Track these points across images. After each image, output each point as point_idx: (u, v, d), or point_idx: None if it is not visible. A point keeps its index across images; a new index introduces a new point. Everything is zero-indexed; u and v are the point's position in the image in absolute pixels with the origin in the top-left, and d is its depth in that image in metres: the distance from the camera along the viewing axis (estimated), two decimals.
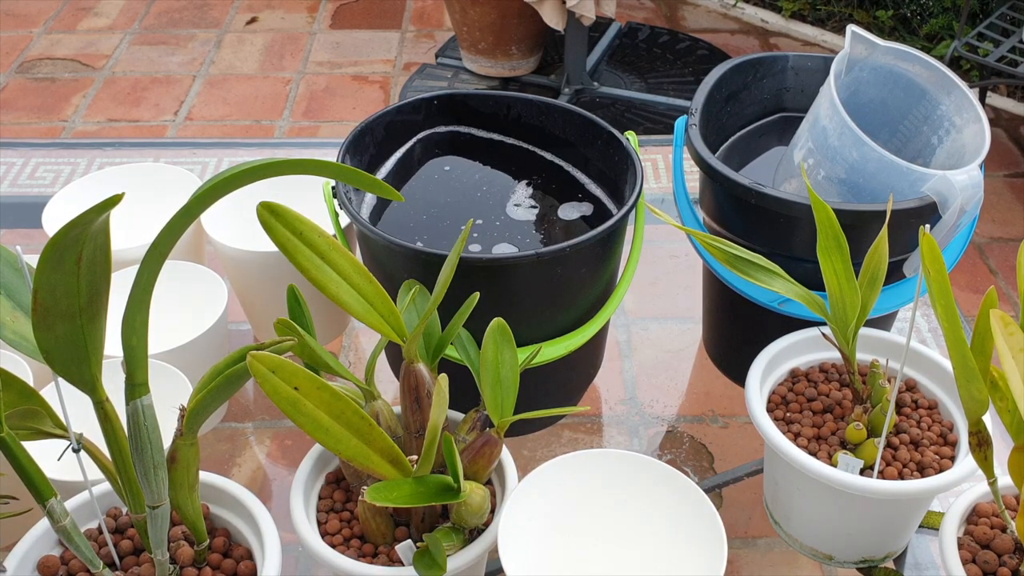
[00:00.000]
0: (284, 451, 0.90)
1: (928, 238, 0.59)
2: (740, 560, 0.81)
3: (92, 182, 1.03)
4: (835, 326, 0.73)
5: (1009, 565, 0.67)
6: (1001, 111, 2.76)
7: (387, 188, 0.56)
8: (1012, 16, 2.54)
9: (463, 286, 0.70)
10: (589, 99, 2.74)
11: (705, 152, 0.83)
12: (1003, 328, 0.57)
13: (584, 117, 0.92)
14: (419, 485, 0.61)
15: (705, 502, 0.66)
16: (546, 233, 0.86)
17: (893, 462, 0.74)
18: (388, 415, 0.70)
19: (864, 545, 0.76)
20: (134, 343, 0.54)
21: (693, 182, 0.92)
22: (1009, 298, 2.12)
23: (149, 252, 0.51)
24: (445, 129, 0.96)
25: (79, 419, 0.60)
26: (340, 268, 0.63)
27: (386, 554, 0.67)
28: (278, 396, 0.55)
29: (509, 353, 0.69)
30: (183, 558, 0.65)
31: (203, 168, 1.24)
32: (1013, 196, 2.45)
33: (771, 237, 0.82)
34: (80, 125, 2.66)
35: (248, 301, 0.99)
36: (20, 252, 0.55)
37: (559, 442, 0.91)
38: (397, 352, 0.75)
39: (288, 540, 0.69)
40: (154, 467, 0.57)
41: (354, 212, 0.78)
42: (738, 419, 0.94)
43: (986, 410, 0.63)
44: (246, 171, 0.49)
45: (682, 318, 1.05)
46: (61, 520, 0.58)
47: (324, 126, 2.69)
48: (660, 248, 1.13)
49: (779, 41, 3.12)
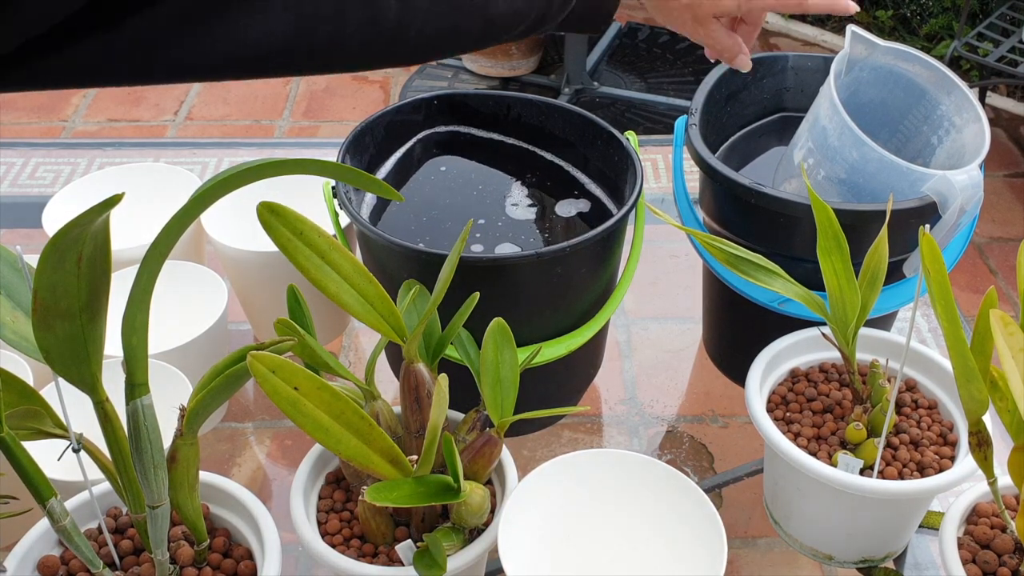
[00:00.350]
0: (284, 451, 0.90)
1: (928, 238, 0.59)
2: (740, 560, 0.81)
3: (92, 182, 1.03)
4: (835, 326, 0.73)
5: (1009, 565, 0.67)
6: (1001, 111, 2.76)
7: (387, 188, 0.56)
8: (1012, 16, 2.54)
9: (463, 286, 0.70)
10: (589, 99, 2.74)
11: (705, 152, 0.83)
12: (1003, 328, 0.57)
13: (584, 117, 0.92)
14: (419, 485, 0.61)
15: (705, 502, 0.66)
16: (548, 232, 0.86)
17: (893, 462, 0.74)
18: (388, 415, 0.70)
19: (864, 545, 0.76)
20: (134, 343, 0.54)
21: (693, 182, 0.92)
22: (1009, 298, 2.12)
23: (149, 252, 0.51)
24: (445, 129, 0.96)
25: (79, 419, 0.60)
26: (340, 268, 0.63)
27: (386, 554, 0.67)
28: (278, 396, 0.55)
29: (509, 353, 0.69)
30: (183, 558, 0.65)
31: (203, 168, 1.24)
32: (1013, 196, 2.45)
33: (771, 237, 0.82)
34: (80, 125, 2.66)
35: (248, 301, 0.99)
36: (20, 252, 0.55)
37: (559, 442, 0.91)
38: (397, 352, 0.75)
39: (288, 540, 0.69)
40: (154, 467, 0.57)
41: (354, 212, 0.78)
42: (738, 419, 0.94)
43: (986, 410, 0.63)
44: (246, 171, 0.49)
45: (682, 318, 1.05)
46: (61, 520, 0.58)
47: (324, 126, 2.69)
48: (660, 248, 1.13)
49: (779, 41, 3.12)
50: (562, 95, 2.71)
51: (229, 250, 0.92)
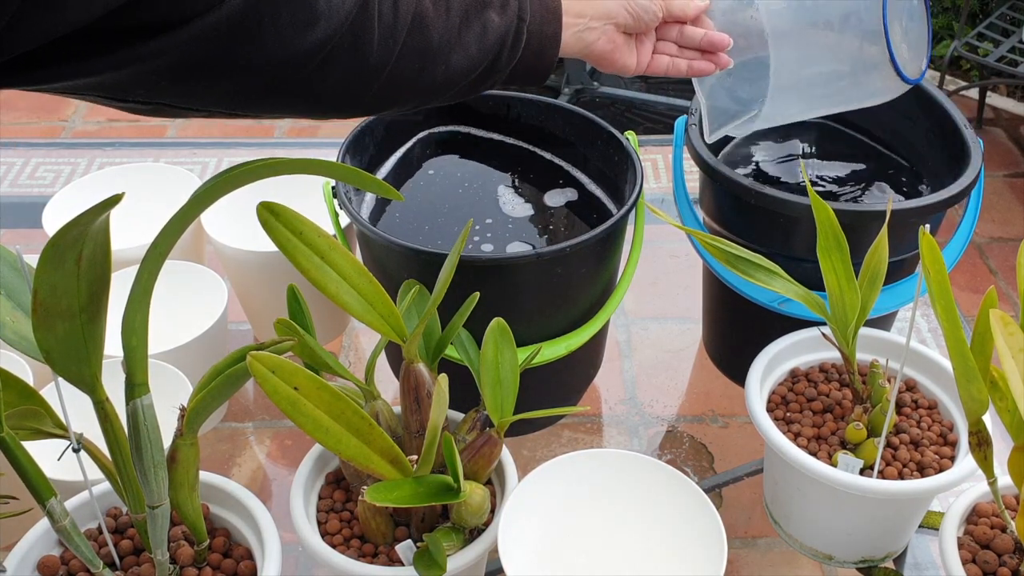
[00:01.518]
0: (284, 451, 0.90)
1: (928, 238, 0.59)
2: (740, 560, 0.81)
3: (92, 182, 1.03)
4: (835, 326, 0.73)
5: (1009, 565, 0.67)
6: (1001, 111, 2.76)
7: (387, 188, 0.56)
8: (1012, 16, 2.54)
9: (463, 286, 0.70)
10: (589, 99, 2.74)
11: (705, 152, 0.83)
12: (1003, 328, 0.57)
13: (584, 117, 0.92)
14: (419, 485, 0.61)
15: (705, 502, 0.66)
16: (551, 230, 0.86)
17: (893, 462, 0.74)
18: (388, 415, 0.70)
19: (864, 545, 0.76)
20: (134, 343, 0.54)
21: (693, 182, 0.92)
22: (1009, 298, 2.12)
23: (149, 252, 0.51)
24: (445, 129, 0.96)
25: (79, 419, 0.60)
26: (340, 268, 0.63)
27: (386, 554, 0.67)
28: (278, 396, 0.55)
29: (509, 353, 0.69)
30: (183, 558, 0.64)
31: (203, 168, 1.24)
32: (1013, 196, 2.45)
33: (771, 237, 0.82)
34: (80, 125, 2.66)
35: (248, 301, 0.99)
36: (20, 252, 0.55)
37: (559, 442, 0.91)
38: (397, 352, 0.75)
39: (288, 540, 0.69)
40: (154, 467, 0.57)
41: (354, 212, 0.78)
42: (738, 419, 0.94)
43: (986, 410, 0.63)
44: (246, 171, 0.49)
45: (682, 318, 1.05)
46: (61, 520, 0.58)
47: (324, 126, 2.69)
48: (660, 248, 1.13)
49: None
50: (562, 95, 2.70)
51: (229, 250, 0.92)
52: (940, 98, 0.90)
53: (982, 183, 0.84)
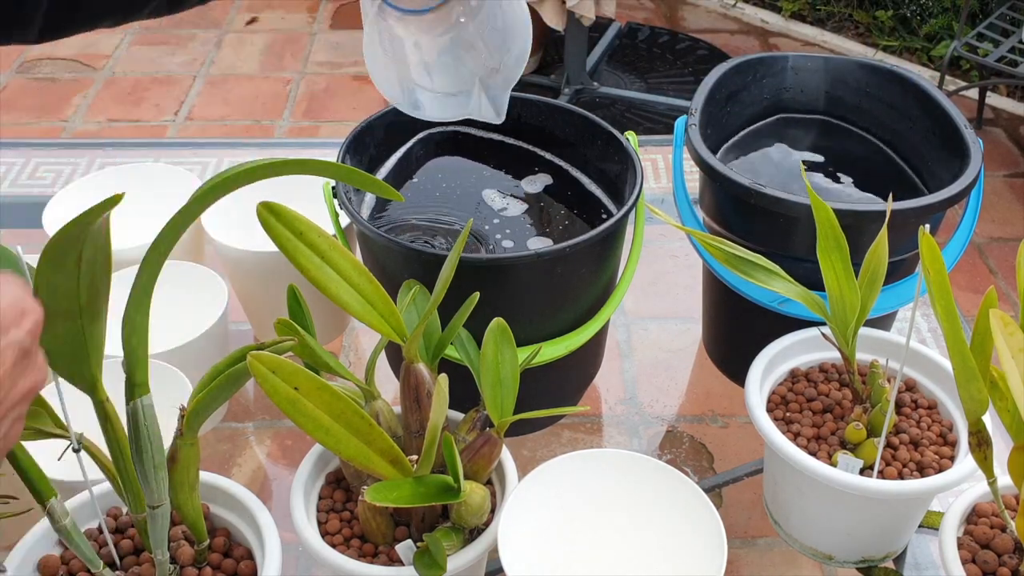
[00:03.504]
0: (284, 451, 0.90)
1: (928, 238, 0.59)
2: (740, 560, 0.81)
3: (92, 182, 1.03)
4: (835, 326, 0.73)
5: (1009, 565, 0.67)
6: (1001, 111, 2.76)
7: (387, 188, 0.56)
8: (1012, 16, 2.54)
9: (463, 286, 0.70)
10: (589, 99, 2.74)
11: (705, 152, 0.83)
12: (1003, 328, 0.57)
13: (584, 117, 0.92)
14: (419, 485, 0.61)
15: (705, 502, 0.66)
16: (548, 231, 0.86)
17: (893, 462, 0.74)
18: (388, 415, 0.70)
19: (864, 545, 0.76)
20: (134, 343, 0.54)
21: (693, 182, 0.92)
22: (1009, 298, 2.12)
23: (149, 252, 0.51)
24: (445, 129, 0.96)
25: (79, 419, 0.60)
26: (340, 268, 0.63)
27: (386, 554, 0.67)
28: (278, 396, 0.55)
29: (509, 353, 0.69)
30: (183, 558, 0.65)
31: (203, 168, 1.24)
32: (1013, 196, 2.45)
33: (771, 237, 0.82)
34: (80, 125, 2.66)
35: (248, 301, 0.99)
36: (20, 252, 0.55)
37: (559, 442, 0.91)
38: (397, 352, 0.75)
39: (288, 540, 0.69)
40: (154, 467, 0.58)
41: (354, 212, 0.78)
42: (738, 419, 0.94)
43: (986, 410, 0.63)
44: (246, 171, 0.49)
45: (682, 318, 1.05)
46: (61, 520, 0.58)
47: (324, 126, 2.69)
48: (660, 248, 1.13)
49: (779, 41, 3.12)
50: (562, 95, 2.71)
51: (229, 250, 0.92)
52: (940, 98, 0.90)
53: (982, 183, 0.84)
